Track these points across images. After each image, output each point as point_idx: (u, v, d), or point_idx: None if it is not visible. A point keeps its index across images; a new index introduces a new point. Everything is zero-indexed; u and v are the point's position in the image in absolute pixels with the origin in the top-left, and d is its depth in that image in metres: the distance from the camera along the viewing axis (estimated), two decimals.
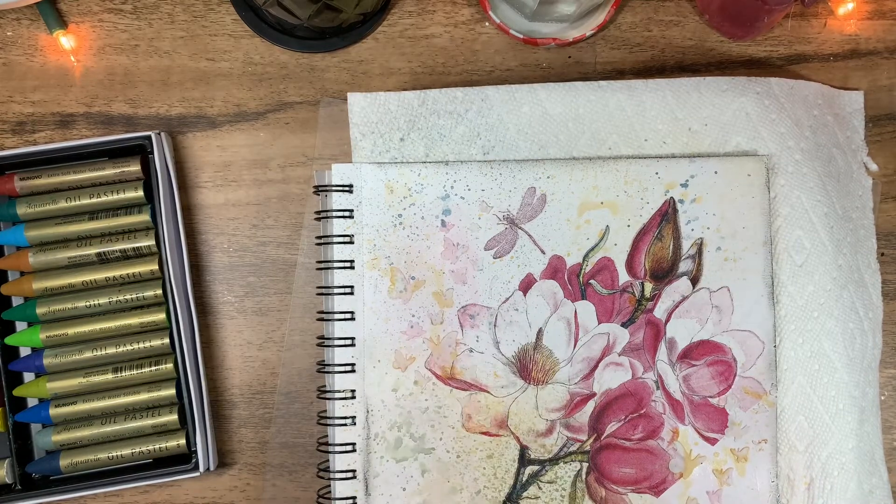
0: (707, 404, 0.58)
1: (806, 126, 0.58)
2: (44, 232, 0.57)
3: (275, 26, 0.60)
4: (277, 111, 0.61)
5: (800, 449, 0.58)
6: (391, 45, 0.61)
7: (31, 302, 0.58)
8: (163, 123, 0.60)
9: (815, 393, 0.57)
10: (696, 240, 0.58)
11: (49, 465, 0.57)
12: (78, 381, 0.57)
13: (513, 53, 0.61)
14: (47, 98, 0.60)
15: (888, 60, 0.62)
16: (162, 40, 0.60)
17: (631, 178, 0.58)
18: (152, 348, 0.58)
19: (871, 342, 0.59)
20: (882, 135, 0.62)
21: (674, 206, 0.58)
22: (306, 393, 0.60)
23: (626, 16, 0.62)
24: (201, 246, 0.61)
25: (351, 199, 0.58)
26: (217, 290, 0.60)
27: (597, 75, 0.62)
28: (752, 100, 0.58)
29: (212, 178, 0.60)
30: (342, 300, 0.57)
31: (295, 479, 0.60)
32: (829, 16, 0.62)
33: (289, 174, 0.61)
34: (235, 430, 0.60)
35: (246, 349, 0.60)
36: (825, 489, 0.57)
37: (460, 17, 0.61)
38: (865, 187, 0.60)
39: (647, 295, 0.58)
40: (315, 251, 0.60)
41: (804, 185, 0.58)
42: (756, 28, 0.60)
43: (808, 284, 0.57)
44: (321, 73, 0.61)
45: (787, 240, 0.58)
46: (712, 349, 0.57)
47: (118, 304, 0.58)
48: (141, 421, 0.58)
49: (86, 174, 0.58)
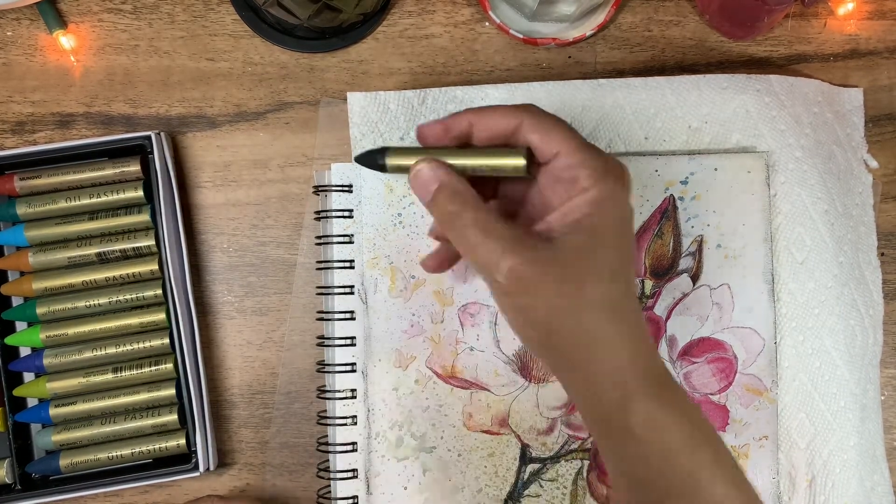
0: (708, 401, 0.58)
1: (806, 123, 0.58)
2: (44, 232, 0.57)
3: (275, 26, 0.60)
4: (277, 111, 0.61)
5: (801, 446, 0.57)
6: (391, 45, 0.61)
7: (31, 302, 0.57)
8: (163, 123, 0.60)
9: (816, 390, 0.57)
10: (696, 237, 0.58)
11: (49, 465, 0.57)
12: (78, 381, 0.57)
13: (513, 53, 0.61)
14: (47, 98, 0.60)
15: (888, 60, 0.62)
16: (162, 40, 0.60)
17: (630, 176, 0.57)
18: (152, 348, 0.58)
19: (871, 339, 0.59)
20: (882, 135, 0.62)
21: (673, 203, 0.58)
22: (306, 393, 0.60)
23: (626, 16, 0.62)
24: (201, 246, 0.60)
25: (351, 199, 0.58)
26: (217, 290, 0.60)
27: (597, 75, 0.62)
28: (752, 97, 0.58)
29: (212, 178, 0.60)
30: (342, 300, 0.57)
31: (295, 479, 0.60)
32: (829, 16, 0.62)
33: (289, 174, 0.61)
34: (235, 430, 0.60)
35: (246, 349, 0.60)
36: (827, 486, 0.57)
37: (460, 17, 0.61)
38: (865, 184, 0.60)
39: (648, 292, 0.58)
40: (315, 251, 0.60)
41: (805, 182, 0.58)
42: (756, 28, 0.60)
43: (808, 281, 0.57)
44: (321, 73, 0.61)
45: (788, 237, 0.58)
46: (713, 346, 0.57)
47: (118, 304, 0.58)
48: (141, 421, 0.57)
49: (86, 174, 0.58)
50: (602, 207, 0.40)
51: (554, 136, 0.41)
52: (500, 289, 0.41)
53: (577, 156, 0.41)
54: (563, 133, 0.41)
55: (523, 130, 0.42)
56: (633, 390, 0.40)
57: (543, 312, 0.40)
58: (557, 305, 0.40)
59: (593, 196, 0.40)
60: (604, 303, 0.40)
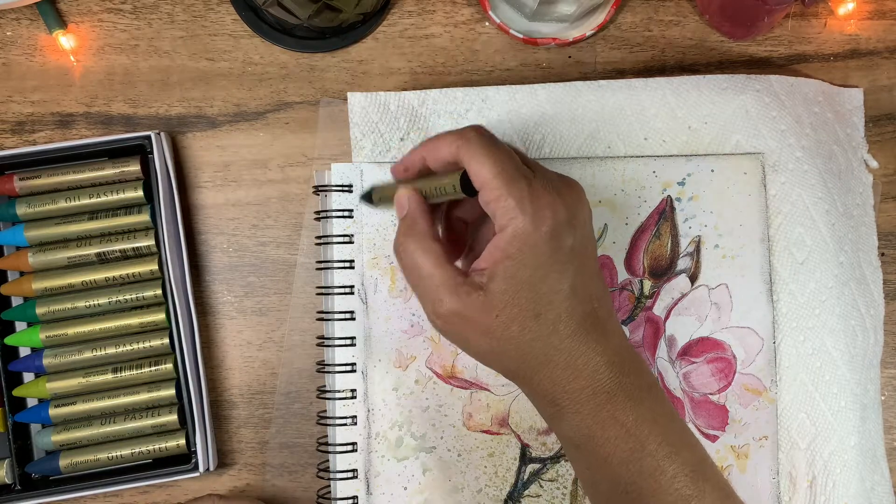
0: (707, 401, 0.58)
1: (806, 123, 0.58)
2: (43, 232, 0.57)
3: (275, 26, 0.60)
4: (277, 111, 0.61)
5: (801, 446, 0.57)
6: (391, 45, 0.61)
7: (30, 302, 0.57)
8: (163, 123, 0.60)
9: (816, 390, 0.57)
10: (693, 237, 0.58)
11: (49, 466, 0.57)
12: (78, 382, 0.57)
13: (513, 53, 0.61)
14: (47, 98, 0.60)
15: (888, 60, 0.62)
16: (162, 40, 0.60)
17: (628, 177, 0.58)
18: (152, 348, 0.58)
19: (872, 339, 0.59)
20: (882, 135, 0.62)
21: (671, 204, 0.58)
22: (306, 393, 0.60)
23: (626, 16, 0.62)
24: (201, 246, 0.60)
25: (351, 199, 0.58)
26: (217, 290, 0.60)
27: (597, 75, 0.62)
28: (752, 97, 0.58)
29: (212, 178, 0.60)
30: (342, 300, 0.57)
31: (295, 479, 0.60)
32: (829, 16, 0.62)
33: (289, 174, 0.61)
34: (235, 430, 0.60)
35: (246, 349, 0.60)
36: (827, 486, 0.57)
37: (460, 16, 0.61)
38: (866, 184, 0.60)
39: (646, 292, 0.58)
40: (315, 251, 0.60)
41: (805, 182, 0.58)
42: (756, 28, 0.60)
43: (809, 282, 0.57)
44: (321, 73, 0.61)
45: (789, 237, 0.58)
46: (712, 346, 0.57)
47: (118, 304, 0.58)
48: (141, 421, 0.57)
49: (86, 174, 0.58)
50: (521, 247, 0.41)
51: (477, 166, 0.42)
52: (436, 325, 0.44)
53: (494, 191, 0.41)
54: (486, 163, 0.41)
55: (459, 158, 0.43)
56: (565, 407, 0.43)
57: (475, 350, 0.44)
58: (487, 346, 0.43)
59: (509, 236, 0.41)
60: (534, 340, 0.42)
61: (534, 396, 0.45)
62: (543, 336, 0.42)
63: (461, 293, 0.42)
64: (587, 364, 0.42)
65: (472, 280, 0.42)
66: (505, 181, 0.41)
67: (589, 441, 0.43)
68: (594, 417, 0.42)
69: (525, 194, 0.41)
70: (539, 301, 0.42)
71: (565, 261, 0.42)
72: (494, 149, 0.42)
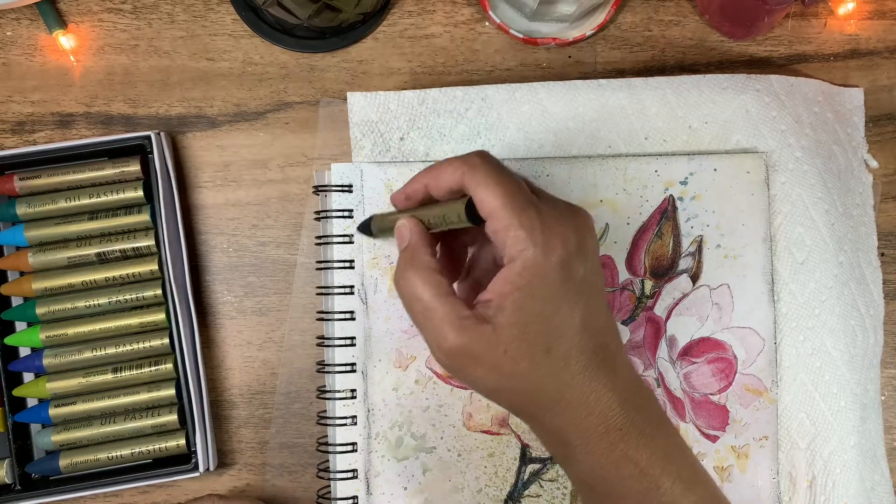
0: (708, 401, 0.58)
1: (806, 123, 0.58)
2: (43, 232, 0.57)
3: (275, 26, 0.60)
4: (277, 111, 0.61)
5: (801, 446, 0.57)
6: (391, 45, 0.61)
7: (30, 302, 0.57)
8: (162, 123, 0.60)
9: (816, 390, 0.57)
10: (695, 237, 0.58)
11: (49, 466, 0.57)
12: (78, 382, 0.57)
13: (513, 53, 0.61)
14: (47, 98, 0.60)
15: (888, 60, 0.62)
16: (162, 40, 0.60)
17: (630, 176, 0.58)
18: (152, 348, 0.58)
19: (872, 339, 0.59)
20: (882, 135, 0.62)
21: (673, 203, 0.58)
22: (306, 393, 0.60)
23: (626, 16, 0.62)
24: (201, 246, 0.60)
25: (351, 199, 0.58)
26: (217, 290, 0.60)
27: (597, 75, 0.62)
28: (753, 97, 0.58)
29: (212, 178, 0.60)
30: (342, 300, 0.57)
31: (295, 479, 0.60)
32: (829, 16, 0.62)
33: (289, 174, 0.61)
34: (235, 430, 0.60)
35: (246, 349, 0.60)
36: (827, 486, 0.57)
37: (460, 16, 0.61)
38: (866, 184, 0.60)
39: (648, 292, 0.58)
40: (315, 251, 0.60)
41: (805, 182, 0.58)
42: (756, 28, 0.60)
43: (809, 282, 0.57)
44: (321, 73, 0.61)
45: (789, 237, 0.58)
46: (713, 346, 0.57)
47: (118, 304, 0.58)
48: (141, 421, 0.57)
49: (85, 174, 0.58)
50: (531, 279, 0.39)
51: (484, 194, 0.40)
52: (441, 362, 0.42)
53: (503, 220, 0.40)
54: (494, 191, 0.40)
55: (465, 184, 0.41)
56: (577, 447, 0.42)
57: (482, 388, 0.42)
58: (496, 383, 0.41)
59: (519, 268, 0.40)
60: (545, 377, 0.41)
61: (543, 435, 0.44)
62: (555, 372, 0.40)
63: (466, 327, 0.40)
64: (599, 400, 0.41)
65: (477, 313, 0.40)
66: (515, 210, 0.39)
67: (603, 483, 0.42)
68: (607, 457, 0.41)
69: (536, 224, 0.39)
70: (550, 335, 0.40)
71: (576, 292, 0.40)
72: (502, 176, 0.41)
